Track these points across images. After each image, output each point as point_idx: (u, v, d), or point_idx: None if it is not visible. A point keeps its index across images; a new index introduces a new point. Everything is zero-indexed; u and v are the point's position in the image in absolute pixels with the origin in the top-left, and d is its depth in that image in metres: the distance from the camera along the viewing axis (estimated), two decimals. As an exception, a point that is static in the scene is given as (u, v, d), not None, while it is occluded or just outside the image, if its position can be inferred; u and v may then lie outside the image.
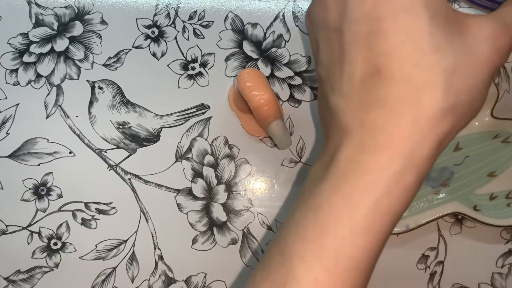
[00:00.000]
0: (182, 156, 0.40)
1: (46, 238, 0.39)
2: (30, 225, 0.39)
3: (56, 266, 0.39)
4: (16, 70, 0.41)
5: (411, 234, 0.38)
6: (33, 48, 0.41)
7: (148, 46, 0.41)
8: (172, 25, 0.42)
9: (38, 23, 0.41)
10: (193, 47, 0.41)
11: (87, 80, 0.41)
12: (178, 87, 0.41)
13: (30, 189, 0.40)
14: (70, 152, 0.40)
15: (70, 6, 0.42)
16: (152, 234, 0.39)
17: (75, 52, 0.41)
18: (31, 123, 0.40)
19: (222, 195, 0.40)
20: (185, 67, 0.41)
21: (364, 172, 0.21)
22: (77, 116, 0.40)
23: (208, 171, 0.40)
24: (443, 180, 0.39)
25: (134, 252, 0.39)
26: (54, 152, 0.40)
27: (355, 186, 0.21)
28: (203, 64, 0.41)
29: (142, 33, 0.42)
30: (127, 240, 0.39)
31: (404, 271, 0.39)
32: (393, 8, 0.21)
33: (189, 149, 0.40)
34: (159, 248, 0.39)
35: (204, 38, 0.42)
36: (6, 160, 0.40)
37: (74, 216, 0.39)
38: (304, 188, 0.25)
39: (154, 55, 0.41)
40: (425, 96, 0.20)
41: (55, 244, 0.39)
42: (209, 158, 0.40)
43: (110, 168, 0.40)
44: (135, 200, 0.39)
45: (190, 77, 0.41)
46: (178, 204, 0.39)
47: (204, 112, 0.41)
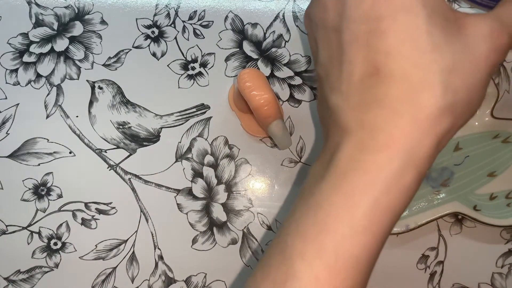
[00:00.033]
0: (182, 156, 0.40)
1: (46, 238, 0.39)
2: (30, 225, 0.39)
3: (56, 266, 0.39)
4: (16, 70, 0.41)
5: (411, 234, 0.38)
6: (33, 48, 0.41)
7: (148, 46, 0.41)
8: (172, 25, 0.42)
9: (38, 23, 0.41)
10: (193, 47, 0.41)
11: (87, 80, 0.41)
12: (178, 87, 0.41)
13: (30, 189, 0.40)
14: (70, 152, 0.40)
15: (70, 6, 0.42)
16: (152, 234, 0.39)
17: (75, 52, 0.41)
18: (31, 123, 0.40)
19: (222, 195, 0.40)
20: (185, 67, 0.41)
21: (364, 171, 0.21)
22: (77, 116, 0.40)
23: (208, 171, 0.40)
24: (443, 180, 0.39)
25: (134, 252, 0.39)
26: (54, 152, 0.40)
27: (355, 185, 0.21)
28: (203, 64, 0.41)
29: (142, 33, 0.42)
30: (127, 240, 0.39)
31: (404, 271, 0.39)
32: (391, 7, 0.21)
33: (189, 149, 0.40)
34: (159, 248, 0.39)
35: (204, 38, 0.42)
36: (6, 160, 0.40)
37: (74, 216, 0.39)
38: (304, 187, 0.25)
39: (154, 55, 0.41)
40: (423, 95, 0.20)
41: (55, 244, 0.39)
42: (209, 158, 0.40)
43: (110, 168, 0.40)
44: (135, 200, 0.39)
45: (190, 77, 0.41)
46: (178, 204, 0.39)
47: (204, 112, 0.41)
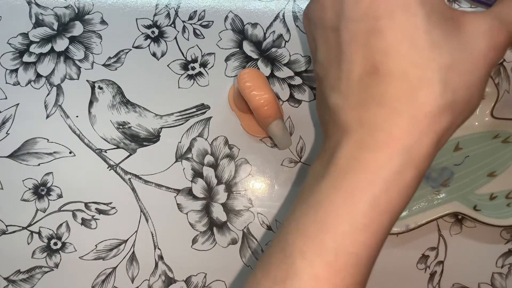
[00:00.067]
0: (182, 156, 0.40)
1: (46, 238, 0.39)
2: (30, 225, 0.39)
3: (56, 266, 0.39)
4: (16, 70, 0.41)
5: (411, 234, 0.38)
6: (33, 48, 0.41)
7: (148, 46, 0.41)
8: (172, 25, 0.42)
9: (38, 23, 0.42)
10: (193, 47, 0.41)
11: (87, 80, 0.41)
12: (178, 87, 0.41)
13: (30, 189, 0.40)
14: (70, 152, 0.40)
15: (70, 6, 0.42)
16: (152, 234, 0.39)
17: (75, 52, 0.41)
18: (31, 123, 0.40)
19: (222, 195, 0.40)
20: (185, 67, 0.41)
21: (364, 170, 0.21)
22: (77, 116, 0.40)
23: (208, 171, 0.40)
24: (443, 180, 0.39)
25: (134, 252, 0.39)
26: (54, 152, 0.40)
27: (355, 184, 0.21)
28: (203, 64, 0.41)
29: (142, 33, 0.42)
30: (127, 240, 0.39)
31: (404, 271, 0.39)
32: (389, 6, 0.21)
33: (189, 149, 0.40)
34: (159, 248, 0.39)
35: (204, 38, 0.42)
36: (6, 160, 0.40)
37: (74, 216, 0.39)
38: (304, 186, 0.25)
39: (154, 55, 0.41)
40: (422, 93, 0.20)
41: (55, 244, 0.39)
42: (209, 158, 0.40)
43: (110, 168, 0.40)
44: (135, 200, 0.39)
45: (190, 77, 0.41)
46: (178, 204, 0.39)
47: (204, 112, 0.41)
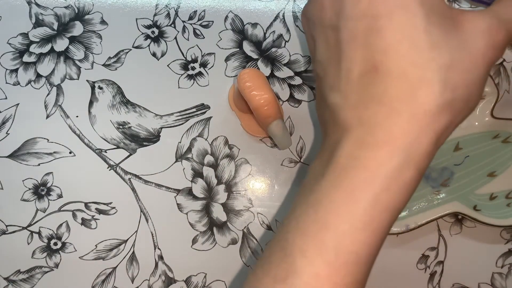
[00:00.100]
0: (182, 156, 0.40)
1: (46, 238, 0.39)
2: (30, 225, 0.39)
3: (56, 266, 0.39)
4: (16, 70, 0.41)
5: (411, 234, 0.38)
6: (33, 48, 0.41)
7: (148, 46, 0.41)
8: (172, 25, 0.42)
9: (38, 23, 0.42)
10: (193, 47, 0.42)
11: (87, 80, 0.41)
12: (178, 87, 0.41)
13: (30, 189, 0.40)
14: (70, 152, 0.40)
15: (70, 6, 0.42)
16: (152, 234, 0.39)
17: (75, 52, 0.41)
18: (31, 123, 0.40)
19: (222, 195, 0.40)
20: (185, 67, 0.41)
21: (363, 168, 0.21)
22: (77, 116, 0.40)
23: (208, 171, 0.40)
24: (443, 180, 0.39)
25: (134, 252, 0.39)
26: (54, 152, 0.40)
27: (355, 182, 0.21)
28: (203, 64, 0.41)
29: (142, 33, 0.42)
30: (127, 240, 0.39)
31: (404, 271, 0.39)
32: (389, 5, 0.21)
33: (189, 149, 0.40)
34: (159, 248, 0.39)
35: (204, 38, 0.42)
36: (6, 160, 0.40)
37: (74, 216, 0.39)
38: (304, 185, 0.25)
39: (154, 55, 0.41)
40: (421, 92, 0.20)
41: (55, 244, 0.39)
42: (209, 158, 0.40)
43: (110, 168, 0.40)
44: (135, 200, 0.39)
45: (190, 77, 0.41)
46: (178, 204, 0.39)
47: (204, 112, 0.41)
